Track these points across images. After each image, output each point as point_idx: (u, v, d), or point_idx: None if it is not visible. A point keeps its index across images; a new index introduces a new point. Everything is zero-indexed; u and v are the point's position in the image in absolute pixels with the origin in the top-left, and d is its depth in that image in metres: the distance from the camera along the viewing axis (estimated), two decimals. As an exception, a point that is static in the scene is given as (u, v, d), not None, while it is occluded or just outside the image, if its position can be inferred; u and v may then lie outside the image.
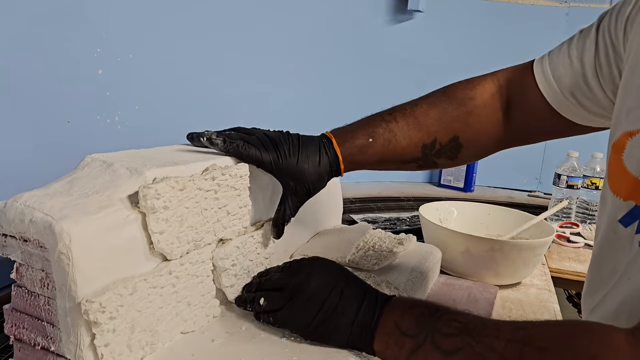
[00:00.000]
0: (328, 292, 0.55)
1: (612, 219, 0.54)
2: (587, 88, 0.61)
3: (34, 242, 0.47)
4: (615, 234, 0.54)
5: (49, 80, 0.92)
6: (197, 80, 1.25)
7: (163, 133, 1.13)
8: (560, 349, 0.42)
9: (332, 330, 0.54)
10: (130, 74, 1.07)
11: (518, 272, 0.95)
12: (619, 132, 0.54)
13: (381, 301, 0.54)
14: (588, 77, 0.61)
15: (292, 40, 1.46)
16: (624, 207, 0.53)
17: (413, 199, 1.56)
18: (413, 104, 0.72)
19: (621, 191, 0.54)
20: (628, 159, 0.52)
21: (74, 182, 0.53)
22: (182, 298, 0.57)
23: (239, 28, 1.32)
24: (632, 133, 0.52)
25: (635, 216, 0.52)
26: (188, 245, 0.57)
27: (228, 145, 0.63)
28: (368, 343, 0.52)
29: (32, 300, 0.50)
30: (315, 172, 0.66)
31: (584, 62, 0.61)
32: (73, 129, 0.96)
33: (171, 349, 0.55)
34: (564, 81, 0.63)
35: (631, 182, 0.52)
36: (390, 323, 0.52)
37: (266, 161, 0.63)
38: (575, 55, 0.62)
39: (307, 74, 1.52)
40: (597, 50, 0.60)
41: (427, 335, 0.48)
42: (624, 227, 0.53)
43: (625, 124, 0.53)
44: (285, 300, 0.56)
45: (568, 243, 1.30)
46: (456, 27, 1.68)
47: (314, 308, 0.54)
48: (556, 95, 0.64)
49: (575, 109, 0.64)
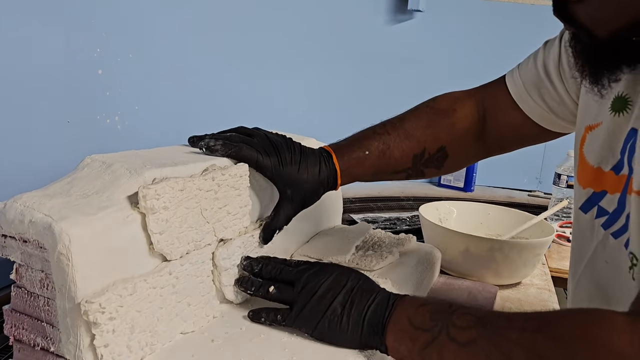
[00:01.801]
0: (339, 290, 0.56)
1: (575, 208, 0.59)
2: (555, 92, 0.67)
3: (33, 242, 0.47)
4: (578, 222, 0.59)
5: (49, 80, 0.92)
6: (197, 80, 1.25)
7: (163, 133, 1.13)
8: (570, 334, 0.43)
9: (342, 329, 0.54)
10: (130, 74, 1.07)
11: (518, 272, 0.95)
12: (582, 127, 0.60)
13: (393, 299, 0.54)
14: (553, 80, 0.67)
15: (291, 40, 1.46)
16: (583, 195, 0.58)
17: (413, 199, 1.56)
18: (401, 118, 0.76)
19: (582, 180, 0.59)
20: (587, 151, 0.58)
21: (73, 183, 0.53)
22: (182, 298, 0.57)
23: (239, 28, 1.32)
24: (592, 127, 0.58)
25: (592, 202, 0.57)
26: (188, 245, 0.57)
27: (228, 150, 0.63)
28: (380, 339, 0.53)
29: (32, 301, 0.50)
30: (314, 183, 0.66)
31: (549, 68, 0.68)
32: (73, 129, 0.96)
33: (171, 349, 0.55)
34: (532, 87, 0.69)
35: (590, 171, 0.57)
36: (403, 319, 0.52)
37: (266, 166, 0.63)
38: (540, 64, 0.69)
39: (306, 73, 1.52)
40: (560, 57, 0.66)
41: (441, 328, 0.49)
42: (583, 214, 0.58)
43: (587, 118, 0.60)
44: (295, 295, 0.57)
45: (568, 243, 1.30)
46: (456, 27, 1.68)
47: (322, 307, 0.55)
48: (527, 100, 0.70)
49: (545, 115, 0.69)
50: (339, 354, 0.54)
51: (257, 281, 0.61)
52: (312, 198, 0.68)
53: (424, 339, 0.49)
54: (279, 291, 0.59)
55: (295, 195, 0.65)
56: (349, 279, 0.57)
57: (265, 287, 0.60)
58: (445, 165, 0.76)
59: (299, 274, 0.59)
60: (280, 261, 0.63)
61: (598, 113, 0.58)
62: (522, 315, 0.48)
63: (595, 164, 0.57)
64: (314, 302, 0.56)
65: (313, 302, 0.56)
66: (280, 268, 0.61)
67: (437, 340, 0.49)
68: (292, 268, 0.60)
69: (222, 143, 0.63)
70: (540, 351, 0.43)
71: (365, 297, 0.55)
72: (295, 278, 0.58)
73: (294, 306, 0.57)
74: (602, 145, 0.57)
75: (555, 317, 0.46)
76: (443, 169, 0.77)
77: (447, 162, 0.76)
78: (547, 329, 0.44)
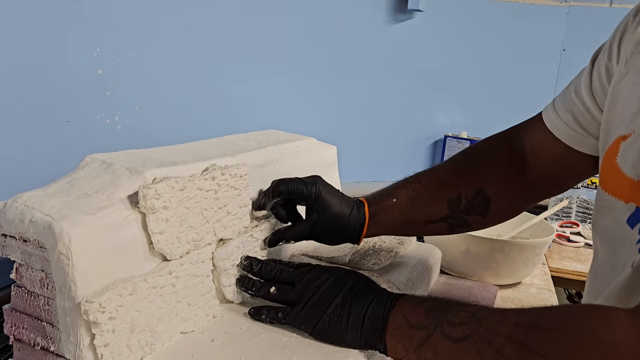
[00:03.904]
0: (339, 291, 0.56)
1: (617, 220, 0.55)
2: (588, 112, 0.62)
3: (33, 242, 0.47)
4: (621, 235, 0.54)
5: (49, 80, 0.92)
6: (198, 80, 1.25)
7: (163, 133, 1.13)
8: (563, 329, 0.43)
9: (342, 329, 0.54)
10: (130, 74, 1.07)
11: (518, 272, 0.95)
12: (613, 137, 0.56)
13: (391, 298, 0.55)
14: (585, 101, 0.62)
15: (292, 40, 1.46)
16: (626, 210, 0.54)
17: (413, 199, 1.55)
18: (435, 167, 0.74)
19: (620, 193, 0.55)
20: (622, 161, 0.53)
21: (73, 182, 0.53)
22: (182, 298, 0.57)
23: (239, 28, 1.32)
24: (625, 137, 0.54)
25: (637, 218, 0.52)
26: (188, 245, 0.57)
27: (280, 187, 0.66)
28: (379, 339, 0.53)
29: (32, 301, 0.50)
30: (341, 221, 0.67)
31: (580, 90, 0.63)
32: (73, 129, 0.96)
33: (171, 349, 0.55)
34: (566, 113, 0.64)
35: (628, 184, 0.53)
36: (400, 318, 0.52)
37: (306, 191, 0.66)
38: (572, 89, 0.64)
39: (306, 73, 1.52)
40: (591, 75, 0.62)
41: (436, 326, 0.49)
42: (630, 229, 0.53)
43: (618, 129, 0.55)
44: (295, 295, 0.58)
45: (568, 242, 1.30)
46: (456, 27, 1.68)
47: (324, 306, 0.55)
48: (563, 128, 0.65)
49: (584, 139, 0.64)
50: (339, 354, 0.54)
51: (258, 282, 0.62)
52: (331, 235, 0.69)
53: (420, 337, 0.50)
54: (280, 292, 0.59)
55: (319, 223, 0.67)
56: (349, 280, 0.58)
57: (266, 288, 0.60)
58: (492, 211, 0.70)
59: (300, 276, 0.59)
60: (280, 262, 0.64)
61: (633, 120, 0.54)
62: (517, 310, 0.48)
63: (635, 177, 0.52)
64: (314, 302, 0.56)
65: (313, 302, 0.56)
66: (280, 269, 0.61)
67: (432, 338, 0.49)
68: (293, 269, 0.61)
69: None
70: (532, 346, 0.43)
71: (365, 297, 0.55)
72: (296, 279, 0.59)
73: (295, 306, 0.57)
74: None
75: (550, 311, 0.46)
76: (490, 215, 0.70)
77: (492, 206, 0.70)
78: (541, 324, 0.44)
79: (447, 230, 0.71)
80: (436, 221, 0.70)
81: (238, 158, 0.68)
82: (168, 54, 1.16)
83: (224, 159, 0.63)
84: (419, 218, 0.70)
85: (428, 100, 1.72)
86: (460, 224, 0.70)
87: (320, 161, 0.88)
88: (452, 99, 1.74)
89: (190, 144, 0.72)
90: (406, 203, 0.69)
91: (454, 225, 0.70)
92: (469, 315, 0.48)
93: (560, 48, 1.67)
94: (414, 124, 1.73)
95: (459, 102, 1.75)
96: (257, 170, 0.71)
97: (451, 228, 0.70)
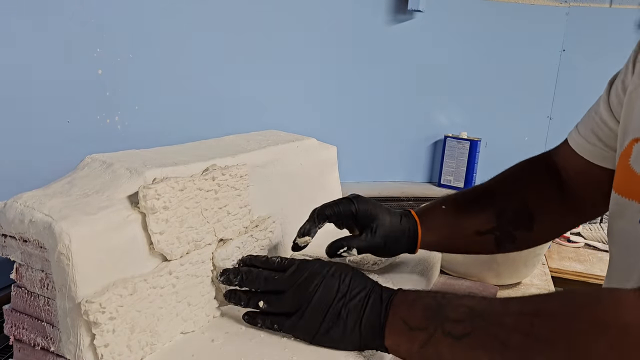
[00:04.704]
0: (332, 298, 0.54)
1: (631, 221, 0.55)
2: (606, 126, 0.63)
3: (33, 242, 0.47)
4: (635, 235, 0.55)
5: (49, 80, 0.92)
6: (198, 80, 1.25)
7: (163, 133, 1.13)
8: (570, 314, 0.42)
9: (340, 336, 0.54)
10: (130, 74, 1.07)
11: (518, 272, 0.95)
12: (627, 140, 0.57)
13: (386, 299, 0.54)
14: (603, 116, 0.63)
15: (292, 40, 1.46)
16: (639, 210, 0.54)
17: (413, 199, 1.56)
18: (476, 185, 0.76)
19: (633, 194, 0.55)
20: (635, 162, 0.54)
21: (73, 183, 0.53)
22: (182, 298, 0.57)
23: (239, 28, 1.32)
24: (638, 139, 0.55)
25: None
26: (188, 245, 0.57)
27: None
28: (380, 345, 0.53)
29: (32, 301, 0.50)
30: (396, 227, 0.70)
31: (599, 109, 0.64)
32: (73, 129, 0.96)
33: (171, 349, 0.55)
34: (587, 130, 0.66)
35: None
36: (398, 321, 0.52)
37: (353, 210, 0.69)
38: (593, 110, 0.66)
39: (307, 73, 1.52)
40: (609, 94, 0.63)
41: (436, 325, 0.49)
42: None
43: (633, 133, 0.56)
44: (287, 306, 0.55)
45: (568, 243, 1.30)
46: (456, 27, 1.68)
47: (318, 316, 0.54)
48: (583, 144, 0.66)
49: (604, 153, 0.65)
50: (339, 354, 0.54)
51: (244, 295, 0.59)
52: (389, 244, 0.70)
53: (421, 339, 0.49)
54: (270, 305, 0.56)
55: (378, 234, 0.68)
56: (340, 282, 0.55)
57: (255, 302, 0.57)
58: (535, 227, 0.71)
59: (287, 283, 0.56)
60: (260, 265, 0.60)
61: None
62: (518, 299, 0.47)
63: None
64: (308, 314, 0.54)
65: (307, 314, 0.54)
66: (263, 277, 0.58)
67: (434, 338, 0.48)
68: (277, 273, 0.57)
69: None
70: (538, 334, 0.42)
71: (359, 302, 0.54)
72: (284, 288, 0.56)
73: (289, 317, 0.55)
74: None
75: (554, 297, 0.45)
76: (534, 233, 0.71)
77: (537, 223, 0.71)
78: (546, 310, 0.43)
79: (494, 246, 0.71)
80: (484, 233, 0.71)
81: (238, 158, 0.68)
82: (168, 54, 1.16)
83: (224, 159, 0.63)
84: (466, 228, 0.71)
85: (428, 100, 1.72)
86: (507, 239, 0.71)
87: (320, 161, 0.88)
88: (452, 100, 1.74)
89: (190, 144, 0.72)
90: (454, 210, 0.72)
91: (501, 240, 0.71)
92: (468, 310, 0.48)
93: (560, 48, 1.67)
94: (414, 124, 1.73)
95: (459, 103, 1.75)
96: (257, 170, 0.71)
97: (498, 242, 0.71)
